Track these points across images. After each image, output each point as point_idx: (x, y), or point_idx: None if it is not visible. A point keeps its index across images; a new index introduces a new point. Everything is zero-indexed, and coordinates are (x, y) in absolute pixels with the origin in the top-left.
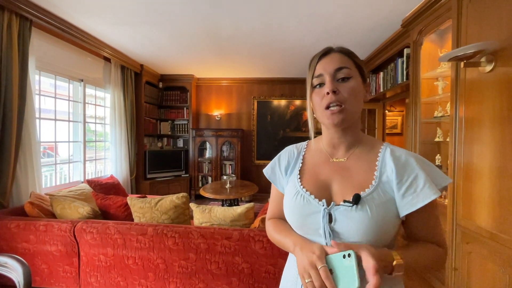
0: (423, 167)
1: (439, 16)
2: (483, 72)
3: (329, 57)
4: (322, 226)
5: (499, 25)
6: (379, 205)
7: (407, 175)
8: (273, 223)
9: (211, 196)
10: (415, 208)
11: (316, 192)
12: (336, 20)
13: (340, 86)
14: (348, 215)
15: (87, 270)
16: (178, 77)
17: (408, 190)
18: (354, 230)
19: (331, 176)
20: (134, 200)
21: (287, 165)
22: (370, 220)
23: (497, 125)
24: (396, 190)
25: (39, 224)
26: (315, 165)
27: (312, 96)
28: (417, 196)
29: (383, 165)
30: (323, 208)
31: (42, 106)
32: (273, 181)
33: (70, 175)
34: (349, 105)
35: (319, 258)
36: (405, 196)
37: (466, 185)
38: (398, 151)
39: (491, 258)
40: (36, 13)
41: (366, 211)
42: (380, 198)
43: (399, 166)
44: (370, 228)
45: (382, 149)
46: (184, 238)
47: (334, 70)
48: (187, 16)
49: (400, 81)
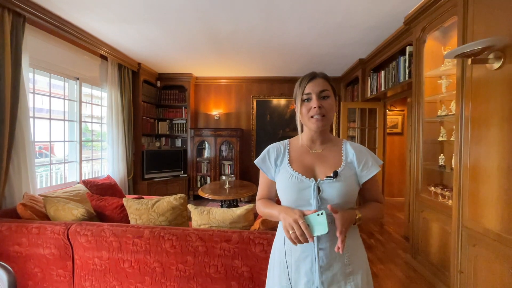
0: (368, 152)
1: (443, 13)
2: (491, 69)
3: (316, 81)
4: (312, 196)
5: (508, 21)
6: (348, 177)
7: (362, 158)
8: (262, 201)
9: (210, 197)
10: (369, 177)
11: (305, 173)
12: (337, 18)
13: (322, 102)
14: (331, 185)
15: (81, 274)
16: (176, 76)
17: (363, 167)
18: (335, 195)
19: (313, 162)
20: (131, 201)
21: (276, 157)
22: (344, 187)
23: (505, 124)
24: (357, 167)
25: (31, 227)
26: (300, 155)
27: (302, 107)
28: (369, 170)
29: (346, 152)
30: (314, 183)
31: (38, 105)
32: (264, 170)
33: (65, 176)
34: (329, 115)
35: (300, 216)
36: (362, 170)
37: (472, 186)
38: (354, 144)
39: (499, 261)
40: (30, 9)
41: (342, 181)
42: (348, 172)
43: (357, 152)
44: (345, 192)
45: (343, 143)
46: (181, 240)
47: (319, 91)
48: (185, 13)
49: (402, 80)
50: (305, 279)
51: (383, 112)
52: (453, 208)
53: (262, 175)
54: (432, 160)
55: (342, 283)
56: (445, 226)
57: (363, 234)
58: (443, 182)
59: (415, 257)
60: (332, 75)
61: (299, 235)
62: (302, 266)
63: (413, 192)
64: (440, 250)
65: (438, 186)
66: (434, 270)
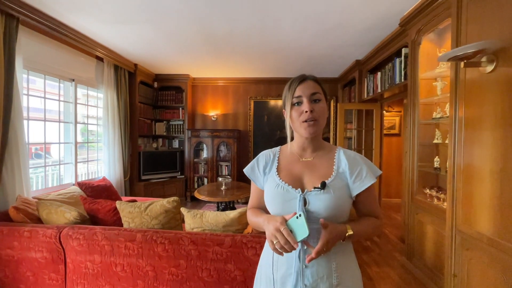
0: (364, 162)
1: (438, 15)
2: (484, 72)
3: (306, 83)
4: (298, 208)
5: (501, 24)
6: (338, 189)
7: (355, 168)
8: (252, 211)
9: (206, 199)
10: (361, 189)
11: (292, 183)
12: (333, 19)
13: (314, 106)
14: (318, 197)
15: (73, 278)
16: (173, 77)
17: (356, 178)
18: (322, 208)
19: (302, 171)
20: (123, 204)
21: (265, 165)
22: (333, 200)
23: (498, 127)
24: (349, 178)
25: (23, 230)
26: (289, 163)
27: (292, 111)
28: (362, 181)
29: (339, 161)
30: (300, 194)
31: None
32: (253, 179)
33: (61, 178)
34: (321, 120)
35: (281, 223)
36: (355, 182)
37: (466, 189)
38: (348, 152)
39: (492, 266)
40: (23, 10)
41: (330, 193)
42: (339, 183)
43: (350, 161)
44: (333, 205)
45: (337, 151)
46: (174, 244)
47: (310, 94)
48: (181, 14)
49: (398, 81)
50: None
51: (380, 113)
52: (447, 211)
53: (252, 184)
54: (428, 162)
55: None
56: (439, 229)
57: None
58: (438, 184)
59: (410, 260)
60: (329, 76)
61: (283, 244)
62: (288, 283)
63: (409, 194)
64: (434, 253)
65: (433, 188)
66: (429, 273)
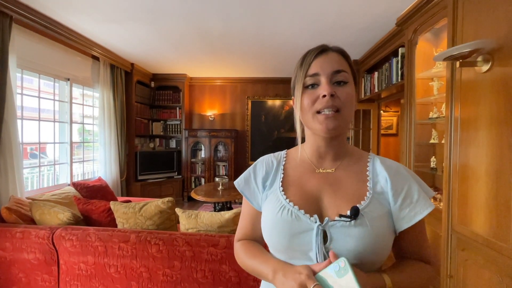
0: (412, 176)
1: (434, 15)
2: (480, 72)
3: (327, 56)
4: (313, 246)
5: (496, 23)
6: (377, 219)
7: (401, 185)
8: (245, 246)
9: (202, 199)
10: (414, 221)
11: (305, 207)
12: (329, 19)
13: (337, 89)
14: (346, 231)
15: (66, 279)
16: (170, 77)
17: (404, 201)
18: (353, 249)
19: (320, 189)
20: (118, 205)
21: (265, 177)
22: (370, 236)
23: (494, 127)
24: (393, 202)
25: (15, 231)
26: (300, 176)
27: (303, 97)
28: (414, 208)
29: (375, 175)
30: (317, 225)
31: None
32: (246, 195)
33: (56, 178)
34: (345, 111)
35: (309, 277)
36: (402, 208)
37: (461, 189)
38: (387, 161)
39: (487, 266)
40: (16, 8)
41: (366, 225)
42: (377, 210)
43: (392, 175)
44: (370, 245)
45: (370, 159)
46: (168, 245)
47: (332, 72)
48: (178, 13)
49: (395, 81)
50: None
51: (377, 113)
52: (443, 212)
53: (245, 203)
54: (424, 162)
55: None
56: (435, 229)
57: None
58: (435, 184)
59: None
60: None
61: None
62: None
63: None
64: None
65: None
66: None
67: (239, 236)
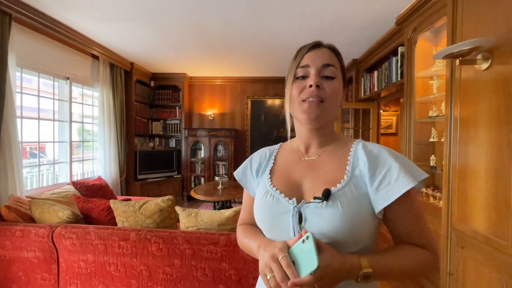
0: (396, 158)
1: (433, 13)
2: (479, 70)
3: (319, 50)
4: (291, 226)
5: (495, 21)
6: (352, 200)
7: (380, 167)
8: (243, 228)
9: (202, 198)
10: (389, 201)
11: (287, 191)
12: (329, 18)
13: (324, 82)
14: (318, 212)
15: (66, 278)
16: (170, 76)
17: (381, 183)
18: (325, 228)
19: (302, 175)
20: (117, 203)
21: (258, 167)
22: (341, 217)
23: (493, 125)
24: (369, 184)
25: (15, 229)
26: (287, 164)
27: (292, 87)
28: (392, 188)
29: (355, 159)
30: (293, 207)
31: (29, 105)
32: (244, 185)
33: (55, 177)
34: (329, 103)
35: (281, 249)
36: (379, 189)
37: (461, 187)
38: (370, 145)
39: (487, 264)
40: (16, 7)
41: (338, 207)
42: (353, 193)
43: (371, 159)
44: (342, 226)
45: (354, 144)
46: (168, 243)
47: (322, 65)
48: (177, 13)
49: (394, 80)
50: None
51: (377, 112)
52: (443, 210)
53: (245, 192)
54: (424, 161)
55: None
56: (435, 227)
57: None
58: (435, 183)
59: None
60: None
61: (279, 280)
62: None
63: None
64: None
65: (429, 187)
66: None
67: (240, 221)
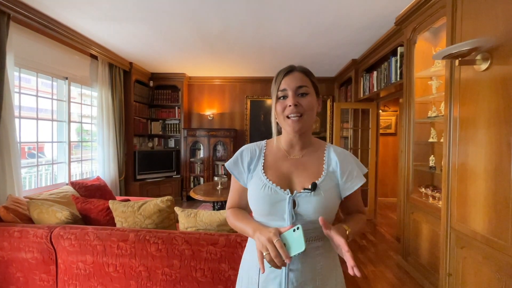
0: (354, 160)
1: (433, 14)
2: (479, 70)
3: (292, 75)
4: (286, 211)
5: (494, 22)
6: (328, 190)
7: (346, 167)
8: (234, 212)
9: (201, 198)
10: (353, 190)
11: (280, 183)
12: (328, 18)
13: (300, 99)
14: (308, 199)
15: (65, 279)
16: (169, 76)
17: (348, 178)
18: (311, 210)
19: (291, 170)
20: (116, 203)
21: (249, 161)
22: (323, 201)
23: (492, 125)
24: (340, 178)
25: (13, 230)
26: (276, 161)
27: (276, 105)
28: (353, 182)
29: (329, 159)
30: (288, 196)
31: (27, 105)
32: (235, 175)
33: (54, 177)
34: (307, 116)
35: (275, 234)
36: (346, 182)
37: (460, 187)
38: (338, 149)
39: (486, 264)
40: (14, 6)
41: (320, 194)
42: (329, 184)
43: (341, 160)
44: (323, 208)
45: (327, 148)
46: (167, 244)
47: (296, 87)
48: (176, 12)
49: (393, 80)
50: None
51: (376, 112)
52: (442, 210)
53: (233, 180)
54: (423, 161)
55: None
56: (434, 227)
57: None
58: (434, 183)
59: (405, 259)
60: (326, 75)
61: (273, 257)
62: (270, 287)
63: (404, 193)
64: (430, 251)
65: (429, 187)
66: (424, 271)
67: (229, 205)
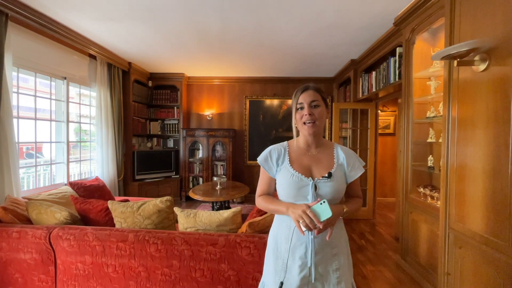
0: (356, 156)
1: (431, 14)
2: (477, 71)
3: (307, 92)
4: (310, 193)
5: (493, 23)
6: (339, 177)
7: (350, 160)
8: (264, 198)
9: (200, 199)
10: (356, 177)
11: (304, 173)
12: (328, 18)
13: (313, 110)
14: (326, 184)
15: (64, 279)
16: (168, 76)
17: (352, 168)
18: (329, 192)
19: (310, 163)
20: (115, 204)
21: (277, 158)
22: (336, 186)
23: (490, 126)
24: (346, 169)
25: (11, 231)
26: (298, 157)
27: (296, 114)
28: (355, 172)
29: (338, 155)
30: (311, 182)
31: (26, 105)
32: (266, 169)
33: (53, 177)
34: (318, 122)
35: (307, 207)
36: (351, 171)
37: (459, 187)
38: (343, 148)
39: (485, 264)
40: (12, 6)
41: (334, 181)
42: (339, 173)
43: (346, 155)
44: (336, 190)
45: (335, 147)
46: (167, 244)
47: (310, 101)
48: (175, 12)
49: (392, 81)
50: (299, 262)
51: (375, 112)
52: (440, 210)
53: (263, 173)
54: (421, 161)
55: (329, 262)
56: (433, 227)
57: (355, 235)
58: (432, 183)
59: (404, 258)
60: (325, 75)
61: (308, 223)
62: (297, 251)
63: (403, 193)
64: (428, 251)
65: (427, 187)
66: (423, 271)
67: (259, 192)
